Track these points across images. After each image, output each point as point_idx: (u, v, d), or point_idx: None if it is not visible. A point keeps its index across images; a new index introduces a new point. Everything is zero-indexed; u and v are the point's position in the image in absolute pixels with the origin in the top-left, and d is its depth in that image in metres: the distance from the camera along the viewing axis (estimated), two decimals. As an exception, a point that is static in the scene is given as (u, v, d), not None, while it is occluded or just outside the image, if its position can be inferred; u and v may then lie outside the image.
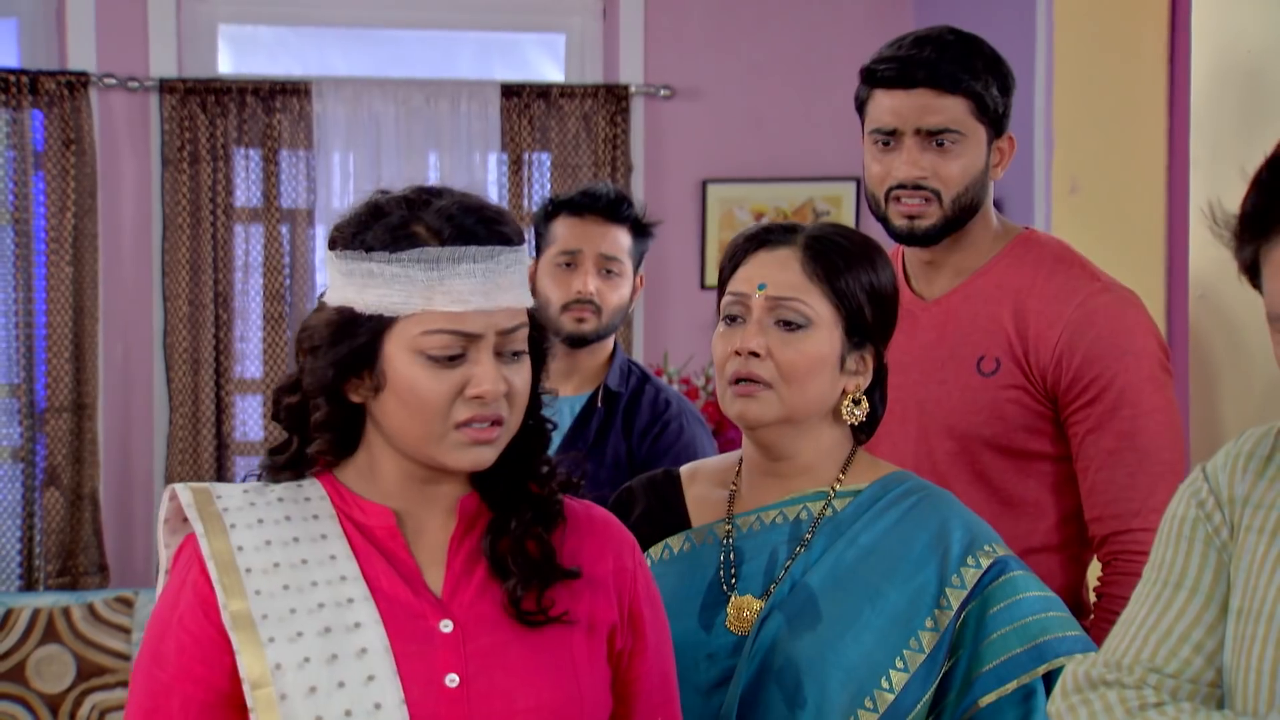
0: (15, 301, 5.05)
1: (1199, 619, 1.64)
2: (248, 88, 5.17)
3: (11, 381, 5.07)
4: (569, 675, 1.78)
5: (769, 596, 2.04)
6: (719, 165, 5.44)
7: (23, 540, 5.05)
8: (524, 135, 5.32)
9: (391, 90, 5.27)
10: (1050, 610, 1.99)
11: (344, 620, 1.72)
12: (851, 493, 2.08)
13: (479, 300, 1.71)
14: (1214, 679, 1.62)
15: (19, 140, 5.03)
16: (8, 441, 5.09)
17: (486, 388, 1.71)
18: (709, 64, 5.43)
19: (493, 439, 1.74)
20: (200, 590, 1.73)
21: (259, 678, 1.68)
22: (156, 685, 1.72)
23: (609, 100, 5.35)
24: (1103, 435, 2.44)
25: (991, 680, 1.96)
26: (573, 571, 1.80)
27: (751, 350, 2.03)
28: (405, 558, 1.79)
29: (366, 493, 1.81)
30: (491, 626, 1.77)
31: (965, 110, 2.49)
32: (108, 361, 5.17)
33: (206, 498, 1.78)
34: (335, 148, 5.22)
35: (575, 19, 5.53)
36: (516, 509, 1.81)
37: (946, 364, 2.53)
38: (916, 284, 2.62)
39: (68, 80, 5.03)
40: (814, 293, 2.05)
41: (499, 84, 5.31)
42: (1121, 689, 1.63)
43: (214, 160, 5.15)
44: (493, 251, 1.73)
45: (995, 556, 2.01)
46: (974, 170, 2.51)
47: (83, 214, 5.05)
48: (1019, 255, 2.55)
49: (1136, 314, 2.48)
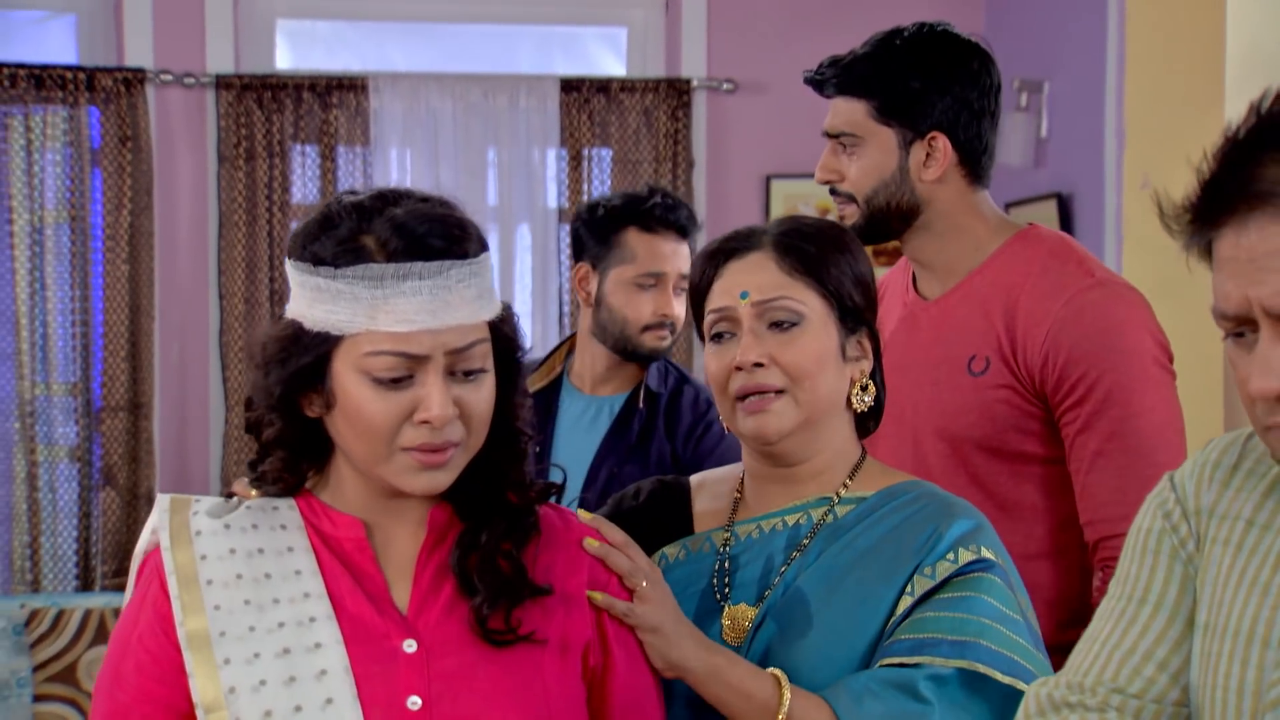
0: (72, 300, 5.03)
1: (1163, 635, 1.57)
2: (304, 83, 5.12)
3: (68, 380, 5.05)
4: (538, 697, 1.70)
5: (762, 603, 1.97)
6: (783, 160, 5.35)
7: (79, 540, 5.04)
8: (584, 130, 5.25)
9: (449, 85, 5.20)
10: (1000, 624, 1.88)
11: (304, 640, 1.66)
12: (855, 500, 2.01)
13: (424, 319, 1.63)
14: (1179, 698, 1.55)
15: (76, 137, 5.02)
16: (65, 441, 5.07)
17: (434, 413, 1.64)
18: (773, 57, 5.34)
19: (443, 463, 1.67)
20: (159, 607, 1.68)
21: (212, 702, 1.62)
22: (116, 706, 1.67)
23: (670, 94, 5.27)
24: (1092, 436, 2.35)
25: (903, 647, 1.86)
26: (544, 589, 1.73)
27: (754, 361, 1.95)
28: (373, 572, 1.72)
29: (336, 504, 1.75)
30: (457, 646, 1.70)
31: (864, 113, 2.47)
32: (164, 360, 5.14)
33: (184, 506, 1.74)
34: (392, 143, 5.16)
35: (637, 12, 5.45)
36: (488, 521, 1.73)
37: (940, 365, 2.48)
38: (920, 284, 2.58)
39: (124, 77, 5.01)
40: (798, 287, 1.98)
41: (558, 78, 5.24)
42: (1084, 711, 1.57)
43: (270, 157, 5.11)
44: (442, 267, 1.64)
45: (980, 556, 1.92)
46: (879, 171, 2.47)
47: (139, 211, 5.03)
48: (1016, 252, 2.48)
49: (1129, 310, 2.39)
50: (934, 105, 2.47)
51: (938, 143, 2.47)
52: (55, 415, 5.06)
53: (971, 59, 2.50)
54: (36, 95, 4.99)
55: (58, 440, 5.07)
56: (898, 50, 2.49)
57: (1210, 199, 1.43)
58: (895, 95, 2.46)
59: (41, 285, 5.02)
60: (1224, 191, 1.41)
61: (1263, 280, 1.37)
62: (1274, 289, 1.37)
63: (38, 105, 5.00)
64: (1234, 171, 1.40)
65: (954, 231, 2.50)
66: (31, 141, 5.00)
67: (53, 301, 5.03)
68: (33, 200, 5.00)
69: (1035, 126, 4.91)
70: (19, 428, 4.99)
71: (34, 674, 4.50)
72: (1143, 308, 2.41)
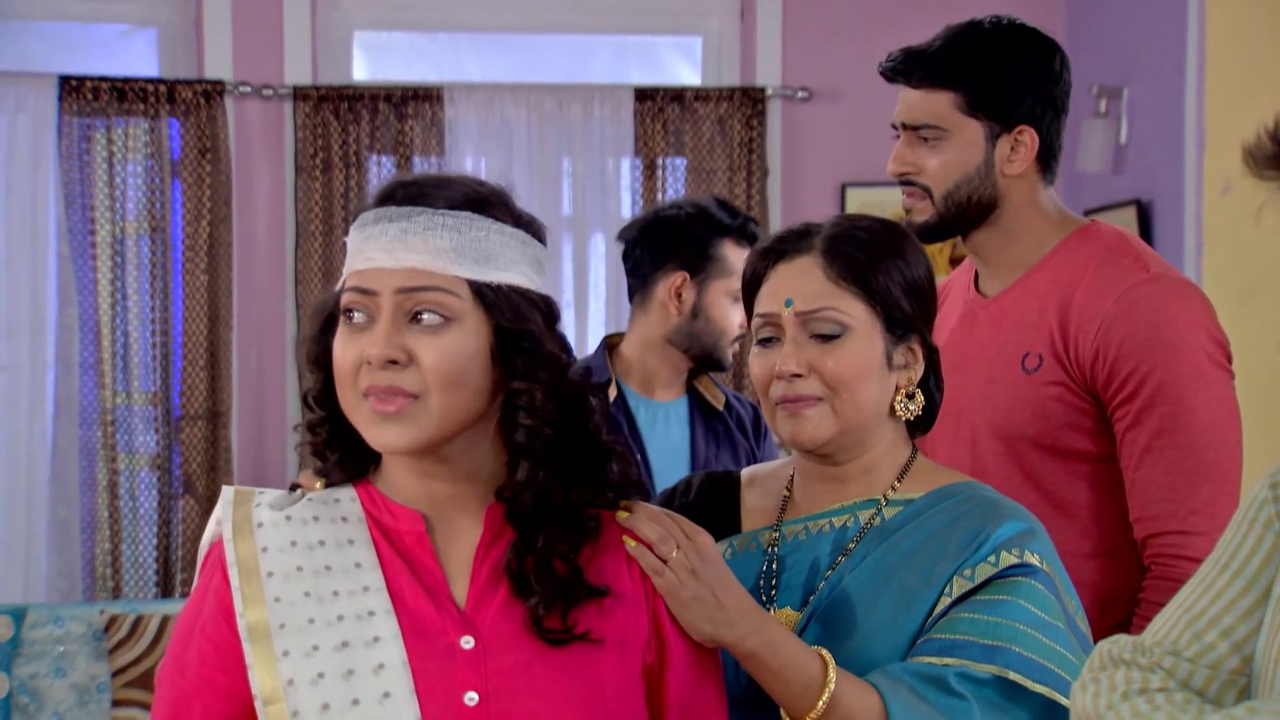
0: (152, 310, 5.09)
1: (1234, 603, 1.55)
2: (380, 94, 5.15)
3: (149, 390, 5.10)
4: (595, 695, 1.69)
5: (807, 606, 1.95)
6: (858, 168, 5.32)
7: (158, 548, 5.09)
8: (658, 139, 5.25)
9: (523, 95, 5.22)
10: (1035, 629, 1.85)
11: (363, 634, 1.66)
12: (903, 501, 1.98)
13: (382, 258, 1.67)
14: (1238, 666, 1.54)
15: (156, 149, 5.07)
16: (145, 449, 5.12)
17: (372, 351, 1.64)
18: (848, 65, 5.31)
19: (393, 412, 1.65)
20: (222, 598, 1.69)
21: (270, 693, 1.63)
22: (178, 694, 1.69)
23: (745, 103, 5.26)
24: (1141, 432, 2.32)
25: (933, 647, 1.84)
26: (601, 590, 1.72)
27: (793, 373, 1.94)
28: (432, 567, 1.73)
29: (395, 496, 1.75)
30: (514, 644, 1.69)
31: (949, 105, 2.43)
32: (242, 369, 5.19)
33: (247, 498, 1.76)
34: (468, 153, 5.19)
35: (712, 21, 5.45)
36: (542, 524, 1.71)
37: (996, 362, 2.45)
38: (981, 281, 2.55)
39: (204, 89, 5.06)
40: (844, 297, 1.95)
41: (632, 88, 5.24)
42: (1133, 669, 1.56)
43: (347, 167, 5.14)
44: (411, 212, 1.68)
45: (1023, 561, 1.88)
46: (962, 165, 2.43)
47: (218, 222, 5.08)
48: (1074, 248, 2.45)
49: (1183, 305, 2.35)
50: (1024, 99, 2.44)
51: (1024, 137, 2.44)
52: (136, 424, 5.12)
53: (1054, 55, 2.48)
54: (118, 108, 5.05)
55: (138, 449, 5.12)
56: (986, 42, 2.45)
57: None
58: (986, 87, 2.42)
59: (123, 295, 5.08)
60: None
61: None
62: None
63: (119, 118, 5.06)
64: None
65: (1021, 228, 2.48)
66: (114, 154, 5.07)
67: (133, 311, 5.09)
68: (114, 212, 5.06)
69: (1115, 132, 4.86)
70: (101, 436, 5.05)
71: (112, 679, 4.55)
72: (1198, 303, 2.37)
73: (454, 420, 1.68)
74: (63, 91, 5.00)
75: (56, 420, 5.03)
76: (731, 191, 5.23)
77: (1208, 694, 1.54)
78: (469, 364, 1.67)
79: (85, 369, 5.06)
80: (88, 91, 5.02)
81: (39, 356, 5.03)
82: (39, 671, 4.56)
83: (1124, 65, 4.80)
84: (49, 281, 5.04)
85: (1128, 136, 4.84)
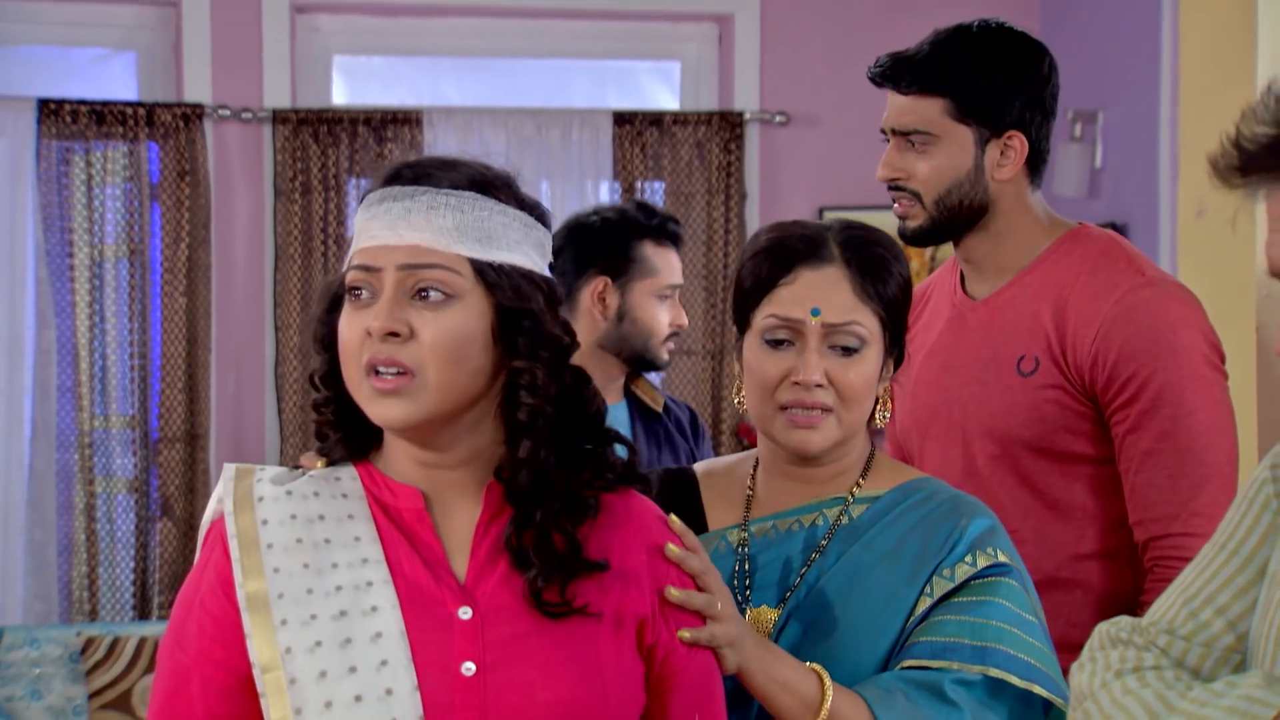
0: (130, 333, 5.08)
1: (1230, 581, 1.58)
2: (359, 118, 5.16)
3: (126, 413, 5.10)
4: (591, 669, 1.71)
5: (784, 605, 1.97)
6: (836, 192, 5.34)
7: (136, 571, 5.07)
8: (636, 163, 5.27)
9: (502, 119, 5.24)
10: (1017, 628, 1.89)
11: (361, 604, 1.67)
12: (869, 499, 2.02)
13: (386, 235, 1.69)
14: (1232, 644, 1.57)
15: (135, 172, 5.07)
16: (123, 473, 5.11)
17: (373, 323, 1.67)
18: (825, 89, 5.34)
19: (392, 389, 1.67)
20: (221, 571, 1.70)
21: (269, 661, 1.64)
22: (178, 667, 1.70)
23: (723, 127, 5.28)
24: (1142, 436, 2.34)
25: (925, 650, 1.88)
26: (599, 564, 1.73)
27: (817, 382, 1.96)
28: (431, 541, 1.74)
29: (396, 475, 1.77)
30: (512, 615, 1.71)
31: (939, 110, 2.43)
32: (220, 392, 5.18)
33: (248, 474, 1.77)
34: (447, 177, 5.18)
35: (690, 46, 5.48)
36: (539, 504, 1.73)
37: (989, 365, 2.46)
38: (968, 284, 2.56)
39: (183, 112, 5.07)
40: (865, 311, 1.98)
41: (611, 112, 5.26)
42: (1129, 648, 1.59)
43: (326, 191, 5.15)
44: (414, 192, 1.70)
45: (996, 561, 1.93)
46: (953, 171, 2.44)
47: (196, 245, 5.08)
48: (1065, 251, 2.47)
49: (1180, 308, 2.37)
50: (1013, 104, 2.45)
51: (1014, 142, 2.45)
52: (113, 447, 5.11)
53: (1043, 59, 2.48)
54: (97, 131, 5.05)
55: (116, 472, 5.11)
56: (974, 47, 2.46)
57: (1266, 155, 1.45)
58: (975, 93, 2.43)
59: (101, 318, 5.07)
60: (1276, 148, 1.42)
61: None
62: None
63: (98, 141, 5.06)
64: None
65: (1011, 231, 2.49)
66: (92, 177, 5.07)
67: (111, 334, 5.09)
68: (93, 235, 5.06)
69: (1090, 157, 4.89)
70: (78, 460, 5.04)
71: (89, 701, 4.53)
72: (1194, 306, 2.39)
73: (452, 397, 1.69)
74: (41, 115, 5.00)
75: (33, 443, 5.02)
76: (710, 215, 5.26)
77: (1202, 671, 1.56)
78: (469, 341, 1.69)
79: (63, 392, 5.05)
80: (66, 115, 5.02)
81: (16, 380, 5.02)
82: (15, 694, 4.54)
83: (1099, 90, 4.84)
84: (27, 304, 5.02)
85: (1103, 161, 4.88)
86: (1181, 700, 1.47)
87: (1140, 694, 1.51)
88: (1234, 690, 1.41)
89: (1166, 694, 1.49)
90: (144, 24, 5.24)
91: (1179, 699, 1.48)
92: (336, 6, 5.32)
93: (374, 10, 5.36)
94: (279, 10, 5.19)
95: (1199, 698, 1.43)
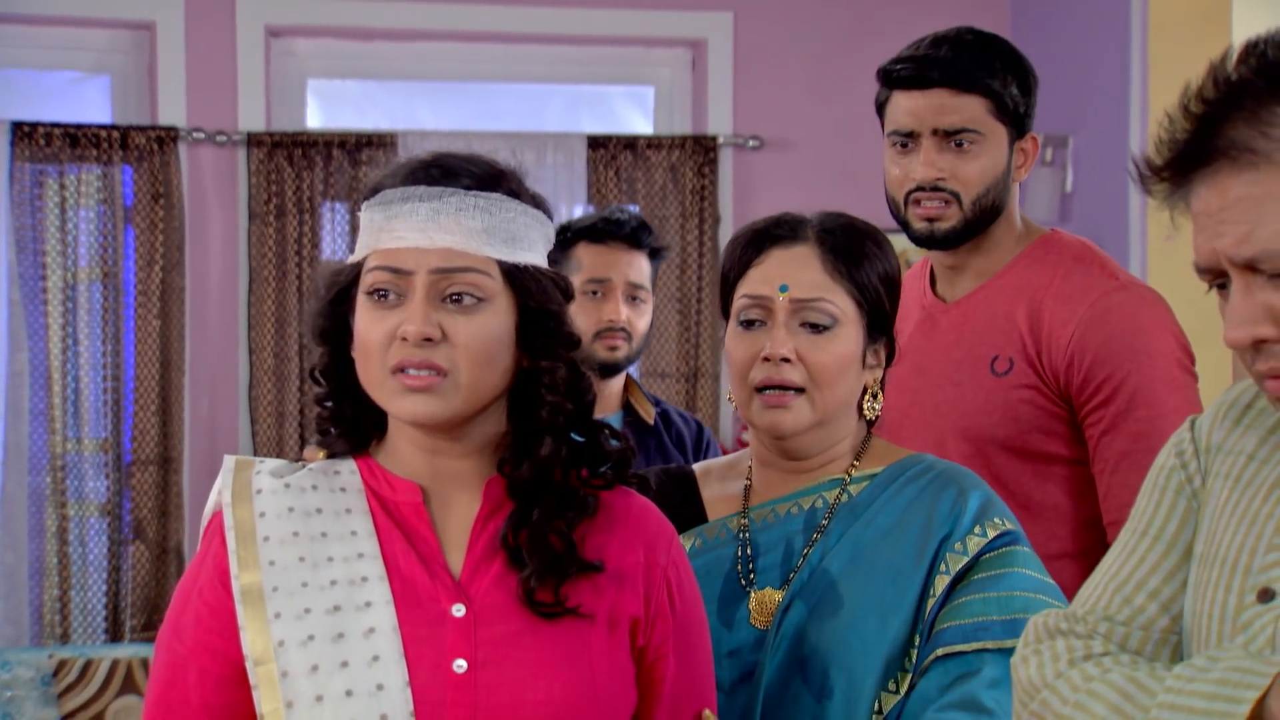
0: (103, 355, 5.07)
1: (1157, 566, 1.61)
2: (334, 141, 5.17)
3: (99, 436, 5.08)
4: (583, 668, 1.72)
5: (788, 586, 1.98)
6: (808, 216, 5.36)
7: (108, 595, 5.05)
8: (610, 187, 5.28)
9: (476, 142, 5.23)
10: (1041, 594, 1.92)
11: (355, 599, 1.69)
12: (867, 477, 2.03)
13: (415, 238, 1.69)
14: (1168, 626, 1.60)
15: (109, 195, 5.07)
16: (95, 496, 5.09)
17: (409, 328, 1.67)
18: (798, 114, 5.37)
19: (423, 387, 1.69)
20: (219, 562, 1.72)
21: (261, 654, 1.66)
22: (174, 657, 1.71)
23: (696, 151, 5.30)
24: (1116, 437, 2.37)
25: (957, 635, 1.89)
26: (594, 565, 1.75)
27: (783, 356, 1.97)
28: (428, 537, 1.75)
29: (396, 469, 1.78)
30: (505, 614, 1.72)
31: (983, 109, 2.45)
32: (193, 415, 5.17)
33: (248, 466, 1.78)
34: (421, 200, 5.19)
35: (664, 70, 5.50)
36: (539, 499, 1.74)
37: (962, 365, 2.49)
38: (940, 287, 2.58)
39: (157, 135, 5.06)
40: (837, 290, 1.99)
41: (585, 136, 5.28)
42: (1073, 639, 1.61)
43: (300, 213, 5.15)
44: (441, 192, 1.70)
45: (1003, 529, 1.95)
46: (994, 171, 2.46)
47: (170, 268, 5.07)
48: (1039, 255, 2.50)
49: (1154, 312, 2.41)
50: (1032, 108, 2.50)
51: (1030, 144, 2.50)
52: (86, 470, 5.09)
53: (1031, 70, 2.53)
54: (71, 154, 5.04)
55: (88, 495, 5.09)
56: (999, 49, 2.48)
57: (1181, 158, 1.48)
58: (1008, 94, 2.45)
59: (74, 341, 5.06)
60: (1192, 151, 1.47)
61: (1222, 232, 1.43)
62: (1233, 239, 1.42)
63: (72, 164, 5.06)
64: (1202, 133, 1.46)
65: (995, 233, 2.51)
66: (66, 200, 5.06)
67: (85, 358, 5.07)
68: (66, 257, 5.05)
69: (1061, 181, 4.93)
70: (50, 483, 5.02)
71: (62, 724, 4.52)
72: (1165, 310, 2.43)
73: (480, 397, 1.71)
74: (15, 137, 4.99)
75: (5, 466, 4.99)
76: (684, 238, 5.27)
77: (1144, 654, 1.59)
78: (499, 343, 1.71)
79: (35, 415, 5.04)
80: (40, 138, 5.01)
81: (-12, 402, 5.01)
82: (-13, 717, 4.53)
83: (1069, 115, 4.88)
84: (-1, 327, 5.02)
85: (1073, 185, 4.91)
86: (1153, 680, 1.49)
87: (1106, 678, 1.53)
88: (1217, 664, 1.42)
89: (1135, 674, 1.51)
90: (118, 47, 5.24)
91: (1149, 679, 1.49)
92: (311, 30, 5.33)
93: (349, 34, 5.36)
94: (254, 34, 5.19)
95: (1182, 674, 1.45)
